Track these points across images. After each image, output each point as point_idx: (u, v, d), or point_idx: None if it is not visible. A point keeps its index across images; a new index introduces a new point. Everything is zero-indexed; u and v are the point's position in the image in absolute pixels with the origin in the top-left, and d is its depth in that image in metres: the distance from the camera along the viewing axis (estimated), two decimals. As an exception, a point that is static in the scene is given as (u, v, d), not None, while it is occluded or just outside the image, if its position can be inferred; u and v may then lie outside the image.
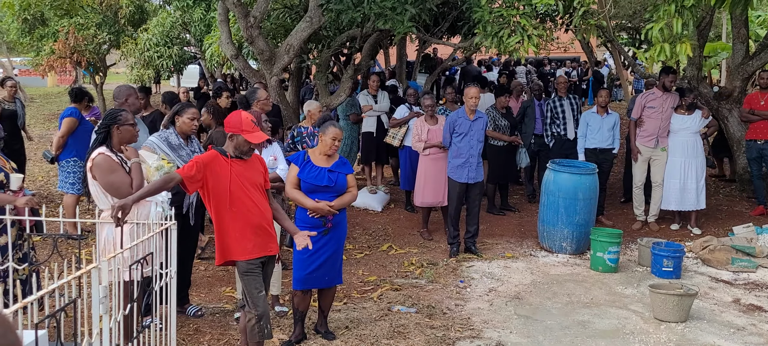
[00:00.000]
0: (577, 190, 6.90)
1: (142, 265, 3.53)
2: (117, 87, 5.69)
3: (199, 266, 6.41)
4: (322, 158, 4.66)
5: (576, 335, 4.90)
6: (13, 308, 2.22)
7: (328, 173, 4.59)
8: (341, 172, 4.66)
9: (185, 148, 4.96)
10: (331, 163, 4.65)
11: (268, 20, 9.80)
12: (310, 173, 4.58)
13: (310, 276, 4.60)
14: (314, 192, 4.57)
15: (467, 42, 9.12)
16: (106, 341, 2.88)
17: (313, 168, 4.60)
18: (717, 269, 6.46)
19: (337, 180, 4.61)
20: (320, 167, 4.61)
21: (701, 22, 8.55)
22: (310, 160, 4.64)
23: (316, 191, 4.57)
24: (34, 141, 11.69)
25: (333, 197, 4.61)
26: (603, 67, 21.68)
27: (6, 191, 4.19)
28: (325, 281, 4.70)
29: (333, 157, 4.69)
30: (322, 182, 4.57)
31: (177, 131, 4.99)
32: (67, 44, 15.94)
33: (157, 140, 4.87)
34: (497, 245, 7.37)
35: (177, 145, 4.92)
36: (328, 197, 4.59)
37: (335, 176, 4.61)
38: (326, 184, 4.58)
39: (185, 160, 4.76)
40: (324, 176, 4.58)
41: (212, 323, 5.09)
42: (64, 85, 24.53)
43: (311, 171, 4.59)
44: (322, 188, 4.58)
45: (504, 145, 8.62)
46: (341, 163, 4.71)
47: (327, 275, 4.67)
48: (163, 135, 4.95)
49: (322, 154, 4.65)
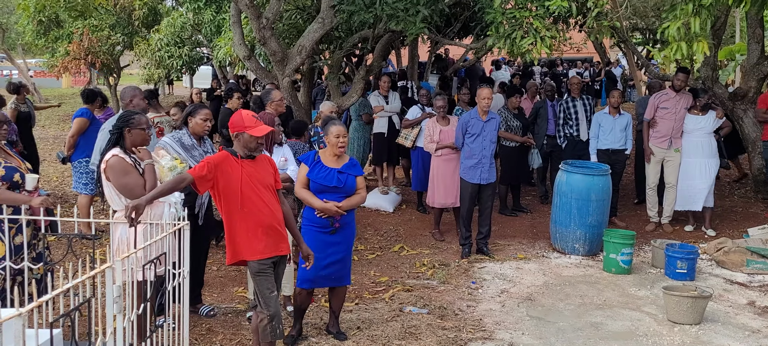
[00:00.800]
0: (589, 191, 6.86)
1: (156, 265, 3.55)
2: (123, 88, 5.76)
3: (212, 266, 6.44)
4: (333, 159, 4.66)
5: (589, 337, 4.88)
6: (29, 307, 2.23)
7: (338, 174, 4.60)
8: (351, 173, 4.66)
9: (198, 149, 4.99)
10: (341, 164, 4.66)
11: (280, 21, 9.82)
12: (319, 173, 4.59)
13: (318, 276, 4.61)
14: (323, 192, 4.57)
15: (479, 43, 9.10)
16: (119, 341, 2.90)
17: (322, 168, 4.61)
18: (731, 271, 6.41)
19: (347, 181, 4.62)
20: (330, 168, 4.62)
21: (716, 22, 8.48)
22: (321, 160, 4.65)
23: (324, 191, 4.57)
24: (49, 141, 11.80)
25: (342, 197, 4.61)
26: (616, 67, 21.55)
27: (21, 191, 4.23)
28: (333, 281, 4.71)
29: (343, 159, 4.69)
30: (331, 183, 4.58)
31: (190, 132, 5.02)
32: (81, 46, 16.08)
33: (170, 141, 4.91)
34: (509, 246, 7.35)
35: (190, 146, 4.95)
36: (336, 197, 4.59)
37: (345, 177, 4.61)
38: (335, 185, 4.58)
39: (198, 160, 4.79)
40: (333, 177, 4.59)
41: (224, 323, 5.11)
42: (78, 86, 24.72)
43: (321, 171, 4.59)
44: (331, 189, 4.58)
45: (516, 146, 8.59)
46: (351, 164, 4.71)
47: (335, 275, 4.68)
48: (176, 136, 4.99)
49: (332, 155, 4.66)
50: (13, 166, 4.24)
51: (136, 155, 4.30)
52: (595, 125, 8.12)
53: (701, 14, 5.86)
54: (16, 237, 4.15)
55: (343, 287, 4.83)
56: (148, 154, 4.40)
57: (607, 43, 18.73)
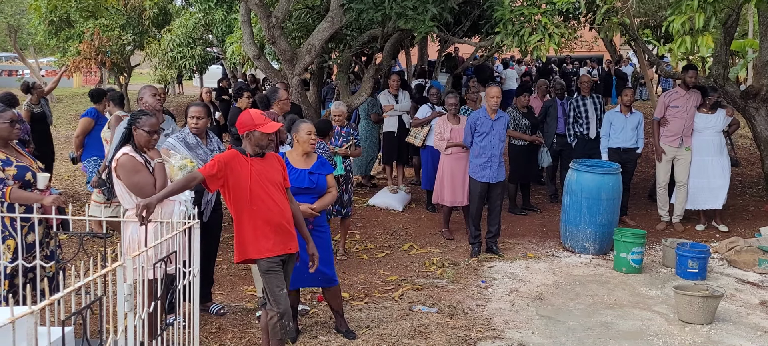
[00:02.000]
0: (600, 190, 6.84)
1: (166, 263, 3.57)
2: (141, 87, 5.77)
3: (222, 265, 6.47)
4: (301, 159, 4.62)
5: (599, 337, 4.86)
6: (41, 305, 2.25)
7: (309, 175, 4.57)
8: (321, 173, 4.63)
9: (202, 147, 5.01)
10: (310, 164, 4.62)
11: (289, 20, 9.85)
12: (290, 176, 4.48)
13: (299, 277, 4.57)
14: (295, 195, 4.46)
15: (488, 41, 9.08)
16: (130, 339, 2.92)
17: (292, 170, 4.54)
18: (743, 271, 6.36)
19: (318, 182, 4.59)
20: (300, 169, 4.57)
21: (727, 19, 8.42)
22: (289, 162, 4.59)
23: (296, 193, 4.48)
24: (61, 140, 11.89)
25: (314, 198, 4.58)
26: (627, 66, 21.44)
27: (33, 189, 4.26)
28: (319, 281, 4.69)
29: (311, 158, 4.65)
30: (303, 184, 4.54)
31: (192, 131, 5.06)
32: (92, 45, 16.20)
33: (174, 141, 4.95)
34: (519, 245, 7.33)
35: (194, 145, 4.98)
36: (308, 199, 4.56)
37: (316, 177, 4.58)
38: (307, 186, 4.55)
39: (202, 158, 4.82)
40: (304, 178, 4.55)
41: (234, 321, 5.13)
42: (89, 86, 24.89)
43: (291, 173, 4.50)
44: (303, 190, 4.54)
45: (525, 144, 8.56)
46: (321, 163, 4.67)
47: (320, 276, 4.63)
48: (180, 136, 5.02)
49: (301, 154, 4.62)
50: (25, 165, 4.28)
51: (146, 154, 4.33)
52: (606, 124, 8.09)
53: (706, 9, 5.82)
54: (28, 235, 4.19)
55: (335, 287, 4.80)
56: (158, 153, 4.43)
57: (617, 40, 18.64)
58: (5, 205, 4.10)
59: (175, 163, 4.43)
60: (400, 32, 8.99)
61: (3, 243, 4.11)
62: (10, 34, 24.79)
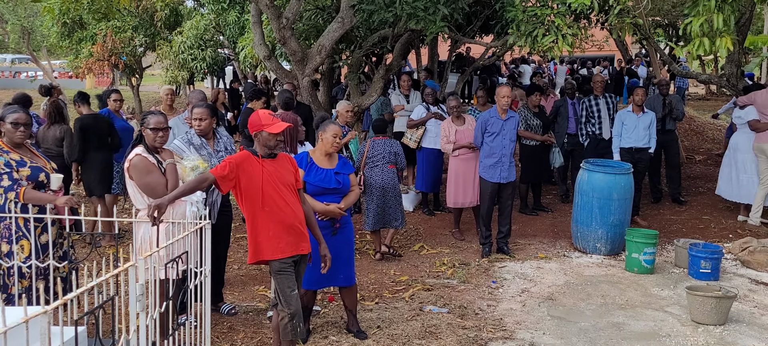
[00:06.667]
0: (611, 190, 6.80)
1: (178, 263, 3.59)
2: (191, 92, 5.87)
3: (233, 265, 6.49)
4: (325, 159, 4.65)
5: (610, 337, 4.83)
6: (54, 304, 2.27)
7: (336, 176, 4.60)
8: (346, 172, 4.68)
9: (206, 148, 5.03)
10: (334, 164, 4.66)
11: (300, 21, 9.86)
12: (316, 176, 4.56)
13: (322, 277, 4.59)
14: (321, 195, 4.55)
15: (500, 41, 9.05)
16: (142, 338, 2.94)
17: (318, 171, 4.59)
18: (757, 271, 6.31)
19: (344, 182, 4.63)
20: (326, 169, 4.61)
21: (741, 17, 8.35)
22: (314, 162, 4.63)
23: (323, 193, 4.55)
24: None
25: (340, 198, 4.62)
26: (639, 65, 21.31)
27: (46, 190, 4.30)
28: (340, 280, 4.71)
29: (334, 158, 4.69)
30: (330, 185, 4.58)
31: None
32: (104, 47, 16.31)
33: (180, 143, 4.98)
34: (530, 245, 7.31)
35: (199, 145, 5.01)
36: (335, 198, 4.60)
37: (342, 177, 4.63)
38: (334, 186, 4.58)
39: (207, 158, 4.84)
40: (331, 179, 4.59)
41: (245, 322, 5.15)
42: (102, 87, 25.06)
43: (317, 174, 4.57)
44: (331, 191, 4.58)
45: (537, 144, 8.53)
46: (343, 163, 4.72)
47: (341, 273, 4.67)
48: (186, 137, 5.05)
49: (324, 155, 4.65)
50: (38, 166, 4.31)
51: (159, 155, 4.35)
52: (618, 123, 8.05)
53: (724, 10, 5.78)
54: (41, 236, 4.22)
55: (353, 286, 4.83)
56: (170, 154, 4.46)
57: (629, 40, 18.53)
58: (19, 205, 4.14)
59: (187, 164, 4.46)
60: (411, 33, 8.98)
61: (17, 244, 4.15)
62: (24, 37, 25.02)
